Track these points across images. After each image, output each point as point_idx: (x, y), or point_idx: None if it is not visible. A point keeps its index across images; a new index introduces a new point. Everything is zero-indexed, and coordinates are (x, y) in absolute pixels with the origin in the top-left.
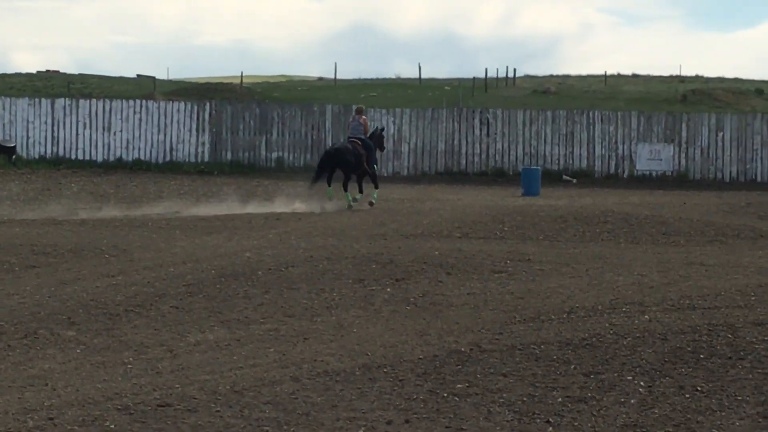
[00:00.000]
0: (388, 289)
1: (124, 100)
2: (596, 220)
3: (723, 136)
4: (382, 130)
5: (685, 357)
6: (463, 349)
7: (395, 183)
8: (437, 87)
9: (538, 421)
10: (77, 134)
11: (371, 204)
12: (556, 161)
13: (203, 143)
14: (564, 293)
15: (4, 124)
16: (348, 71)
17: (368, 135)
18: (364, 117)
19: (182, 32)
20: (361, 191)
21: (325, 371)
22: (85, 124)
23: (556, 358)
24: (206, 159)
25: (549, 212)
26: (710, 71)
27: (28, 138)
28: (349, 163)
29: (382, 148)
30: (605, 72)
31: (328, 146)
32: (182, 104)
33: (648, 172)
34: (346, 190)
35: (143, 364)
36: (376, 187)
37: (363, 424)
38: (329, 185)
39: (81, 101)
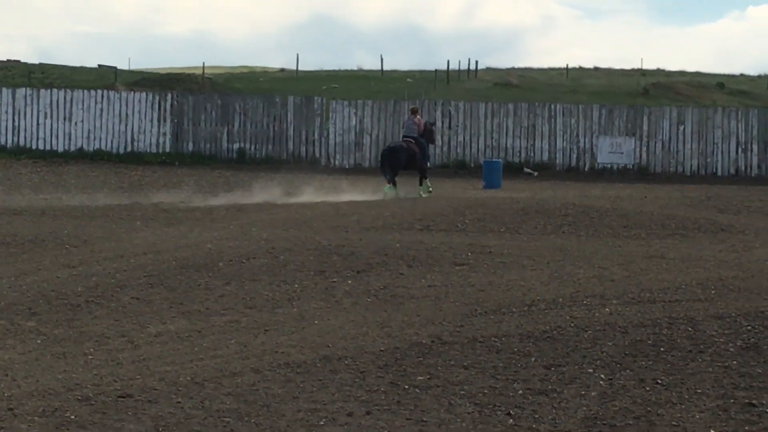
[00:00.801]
0: (350, 281)
1: (85, 90)
2: (557, 212)
3: (684, 129)
4: (432, 124)
5: (646, 350)
6: (424, 342)
7: (357, 174)
8: (399, 79)
9: (499, 413)
10: (38, 124)
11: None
12: (518, 154)
13: (165, 134)
14: (525, 286)
15: None
16: (310, 63)
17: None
18: (418, 117)
19: (143, 22)
20: (421, 184)
21: (286, 363)
22: (46, 114)
23: (517, 350)
24: (167, 150)
25: (510, 205)
26: (672, 65)
27: None
28: (401, 161)
29: (433, 142)
30: (567, 65)
31: (384, 146)
32: (144, 94)
33: (609, 165)
34: (394, 184)
35: (104, 354)
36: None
37: (324, 415)
38: (394, 184)
39: (42, 91)
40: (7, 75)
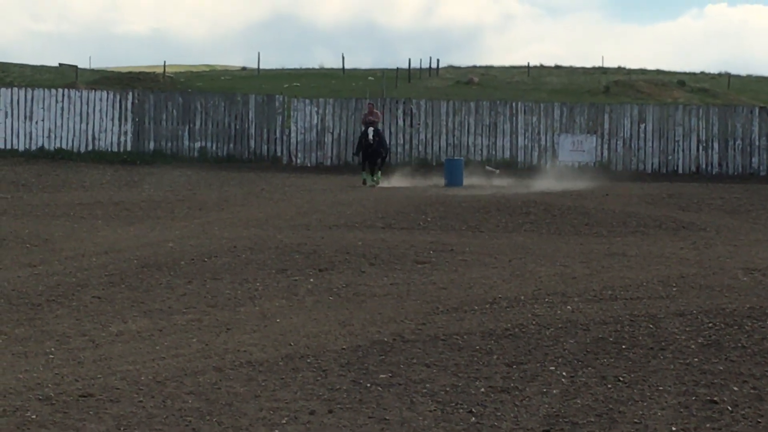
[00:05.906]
0: (312, 280)
1: (46, 89)
2: (519, 210)
3: (645, 127)
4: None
5: (607, 347)
6: (386, 339)
7: (318, 173)
8: (361, 77)
9: (461, 411)
10: None
11: None
12: (479, 152)
13: (126, 132)
14: (487, 283)
15: None
16: (271, 61)
17: None
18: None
19: (101, 21)
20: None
21: (248, 361)
22: (6, 113)
23: (479, 348)
24: (129, 148)
25: (472, 203)
26: (632, 63)
27: None
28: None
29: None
30: (528, 63)
31: None
32: (105, 93)
33: (570, 163)
34: None
35: (65, 354)
36: None
37: (286, 414)
38: None
39: (2, 90)
40: None
